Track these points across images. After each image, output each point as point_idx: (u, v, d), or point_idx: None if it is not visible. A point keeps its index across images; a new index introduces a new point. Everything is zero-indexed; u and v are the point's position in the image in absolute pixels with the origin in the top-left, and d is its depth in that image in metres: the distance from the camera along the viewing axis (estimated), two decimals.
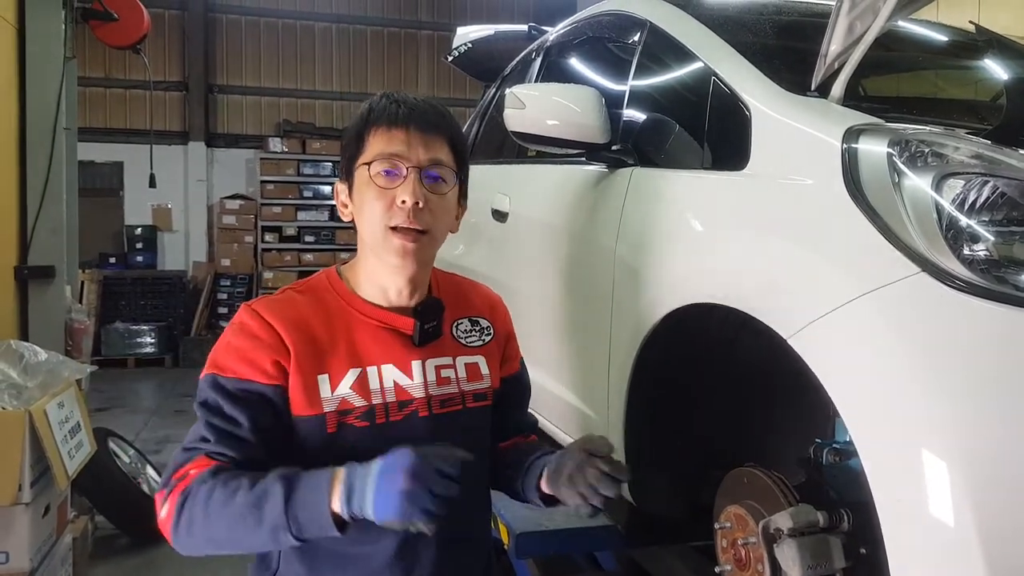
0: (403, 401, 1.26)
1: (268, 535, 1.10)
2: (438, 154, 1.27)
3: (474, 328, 1.40)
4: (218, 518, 1.11)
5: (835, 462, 1.36)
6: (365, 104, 1.30)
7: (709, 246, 1.58)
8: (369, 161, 1.24)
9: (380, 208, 1.24)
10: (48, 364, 2.72)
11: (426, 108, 1.28)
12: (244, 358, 1.21)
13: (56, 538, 2.77)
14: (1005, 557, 1.00)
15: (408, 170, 1.24)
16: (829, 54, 1.50)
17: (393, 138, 1.24)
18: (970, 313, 1.09)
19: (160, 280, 9.33)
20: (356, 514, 1.06)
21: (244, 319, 1.24)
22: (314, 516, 1.08)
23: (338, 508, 1.07)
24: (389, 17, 10.76)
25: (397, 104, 1.27)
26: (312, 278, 1.35)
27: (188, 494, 1.13)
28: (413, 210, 1.23)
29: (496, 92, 3.49)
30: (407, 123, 1.25)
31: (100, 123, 9.49)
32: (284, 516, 1.08)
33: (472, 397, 1.33)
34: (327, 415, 1.21)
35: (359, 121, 1.28)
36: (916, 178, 1.21)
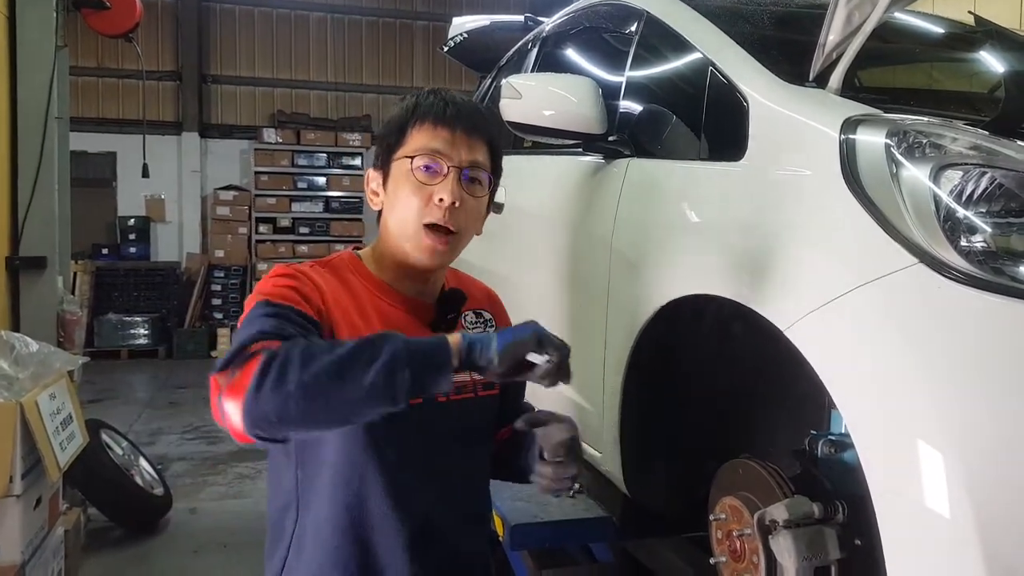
0: None
1: (383, 372, 1.03)
2: (478, 156, 1.28)
3: (479, 320, 1.42)
4: (323, 363, 1.03)
5: (830, 454, 1.36)
6: (411, 98, 1.31)
7: (705, 237, 1.58)
8: (411, 155, 1.25)
9: (417, 203, 1.24)
10: (39, 355, 2.70)
11: (472, 109, 1.30)
12: (291, 291, 1.18)
13: (48, 530, 2.76)
14: (1001, 549, 1.00)
15: (449, 168, 1.25)
16: (827, 44, 1.49)
17: (438, 135, 1.25)
18: (967, 304, 1.09)
19: (153, 271, 9.30)
20: (476, 356, 1.08)
21: (284, 269, 1.24)
22: (434, 350, 1.07)
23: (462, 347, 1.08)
24: (384, 7, 10.71)
25: (445, 103, 1.28)
26: (334, 257, 1.35)
27: (275, 354, 1.04)
28: (449, 209, 1.24)
29: (492, 83, 3.48)
30: (454, 122, 1.26)
31: (93, 113, 9.43)
32: (405, 349, 1.05)
33: (482, 386, 1.35)
34: None
35: (403, 113, 1.29)
36: (914, 169, 1.20)
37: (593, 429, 1.92)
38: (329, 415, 1.07)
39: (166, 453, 5.07)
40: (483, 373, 1.11)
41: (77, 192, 4.26)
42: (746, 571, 1.42)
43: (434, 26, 10.55)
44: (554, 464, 1.26)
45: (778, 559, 1.33)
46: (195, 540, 3.75)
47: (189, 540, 3.76)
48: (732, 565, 1.46)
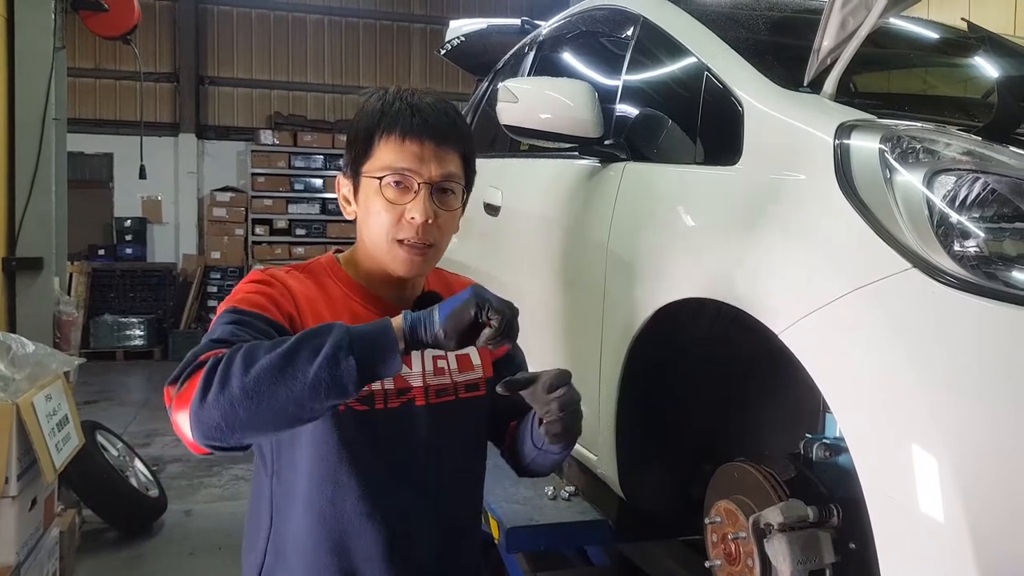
0: (401, 389, 1.25)
1: (326, 364, 1.00)
2: (450, 168, 1.24)
3: None
4: (264, 362, 1.00)
5: (825, 457, 1.36)
6: (375, 101, 1.25)
7: (701, 241, 1.58)
8: (379, 175, 1.21)
9: (388, 220, 1.21)
10: (36, 356, 2.70)
11: (440, 117, 1.23)
12: (262, 297, 1.17)
13: (43, 531, 2.76)
14: (994, 552, 1.01)
15: (420, 186, 1.21)
16: (822, 50, 1.50)
17: (405, 151, 1.20)
18: (960, 309, 1.09)
19: (150, 272, 9.29)
20: (420, 332, 1.05)
21: (258, 275, 1.22)
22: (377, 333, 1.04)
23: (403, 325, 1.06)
24: (382, 10, 10.73)
25: (412, 111, 1.22)
26: (312, 262, 1.32)
27: (220, 359, 1.02)
28: (423, 226, 1.21)
29: (489, 86, 3.48)
30: (422, 135, 1.21)
31: (90, 114, 9.43)
32: (347, 335, 1.02)
33: (464, 388, 1.33)
34: None
35: (369, 119, 1.23)
36: (908, 174, 1.21)
37: (589, 432, 1.91)
38: (278, 415, 1.01)
39: (161, 455, 5.07)
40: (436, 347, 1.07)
41: (74, 193, 4.26)
42: (741, 574, 1.42)
43: (431, 29, 10.57)
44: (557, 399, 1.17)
45: (773, 563, 1.34)
46: (190, 542, 3.75)
47: (184, 542, 3.75)
48: (727, 568, 1.46)
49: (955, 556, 1.01)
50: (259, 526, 1.27)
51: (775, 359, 1.33)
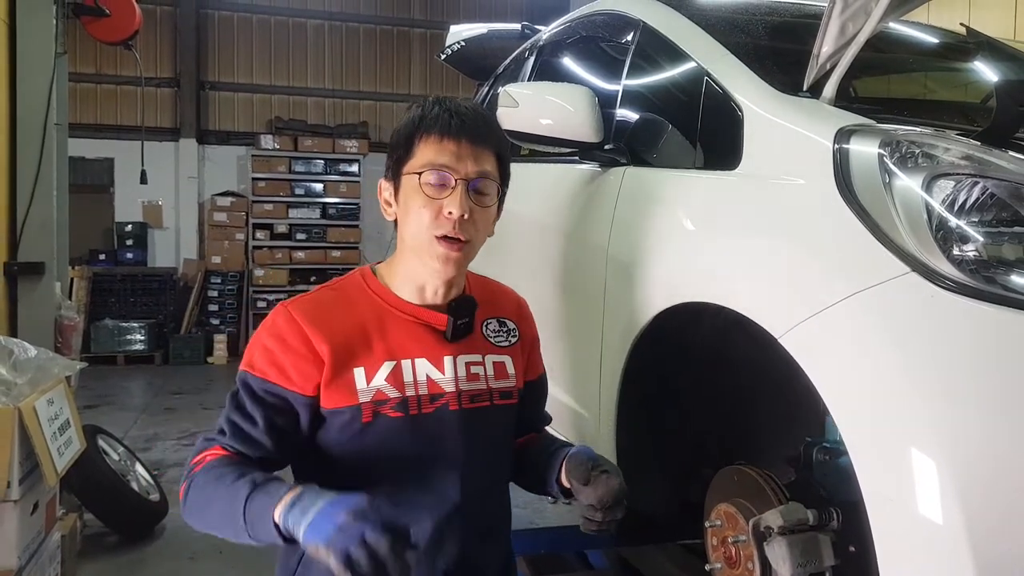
0: (435, 394, 1.30)
1: (234, 530, 1.16)
2: (485, 166, 1.30)
3: (502, 329, 1.43)
4: (206, 506, 1.20)
5: (825, 460, 1.37)
6: (416, 108, 1.32)
7: (700, 246, 1.59)
8: (419, 170, 1.27)
9: (427, 216, 1.26)
10: (37, 361, 2.70)
11: (477, 119, 1.30)
12: (274, 361, 1.26)
13: (44, 536, 2.76)
14: (993, 555, 1.01)
15: (457, 182, 1.26)
16: (821, 55, 1.50)
17: (444, 149, 1.27)
18: (959, 313, 1.10)
19: (150, 277, 9.28)
20: (288, 528, 1.08)
21: (279, 322, 1.28)
22: (260, 519, 1.11)
23: (278, 518, 1.09)
24: (382, 15, 10.73)
25: (450, 114, 1.28)
26: (347, 277, 1.39)
27: (194, 479, 1.22)
28: (459, 221, 1.26)
29: (489, 91, 3.49)
30: (459, 135, 1.27)
31: (91, 119, 9.43)
32: (242, 515, 1.13)
33: (499, 395, 1.37)
34: (363, 405, 1.25)
35: (409, 125, 1.30)
36: (906, 179, 1.21)
37: (589, 436, 1.92)
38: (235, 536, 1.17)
39: (162, 459, 5.06)
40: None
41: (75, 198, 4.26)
42: None
43: (432, 34, 10.58)
44: (604, 510, 1.27)
45: (773, 566, 1.34)
46: (191, 546, 3.74)
47: (185, 546, 3.74)
48: (727, 572, 1.47)
49: (954, 558, 1.02)
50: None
51: (775, 363, 1.33)
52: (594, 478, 1.28)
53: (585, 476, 1.28)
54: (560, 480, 1.37)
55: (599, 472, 1.28)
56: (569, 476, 1.33)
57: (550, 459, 1.40)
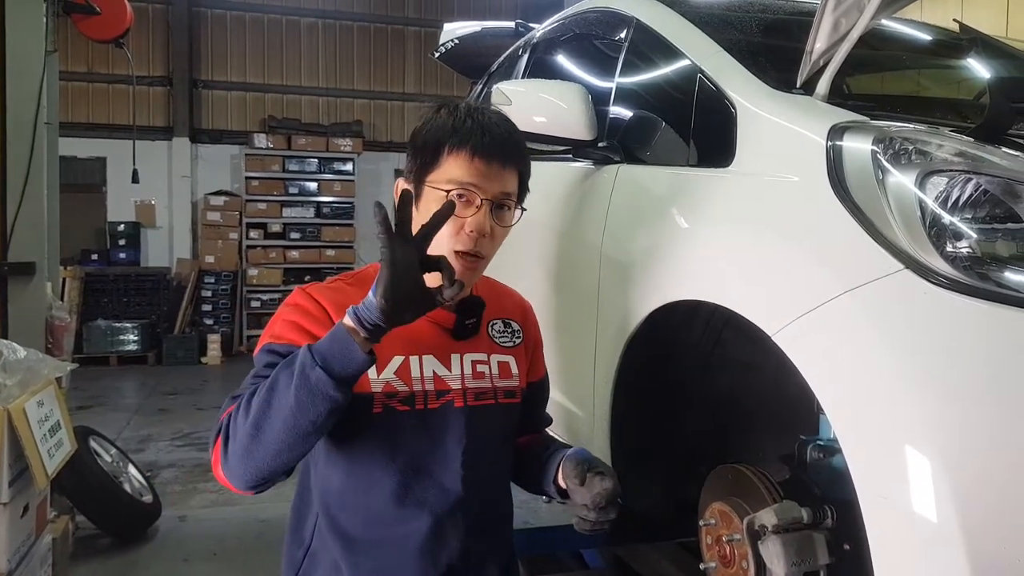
0: (441, 390, 1.31)
1: (300, 384, 1.09)
2: (509, 186, 1.31)
3: (507, 329, 1.45)
4: (256, 405, 1.13)
5: (819, 459, 1.36)
6: (446, 116, 1.30)
7: (694, 243, 1.58)
8: (446, 187, 1.26)
9: (448, 231, 1.25)
10: (27, 362, 2.68)
11: (507, 139, 1.30)
12: (298, 327, 1.25)
13: (35, 538, 2.74)
14: (987, 552, 1.01)
15: (483, 202, 1.27)
16: (814, 52, 1.50)
17: (474, 167, 1.26)
18: (953, 310, 1.10)
19: (143, 277, 9.26)
20: (363, 314, 1.09)
21: (298, 299, 1.29)
22: (330, 337, 1.11)
23: (351, 321, 1.10)
24: (376, 13, 10.72)
25: (483, 131, 1.28)
26: (361, 270, 1.40)
27: (229, 418, 1.17)
28: (478, 238, 1.27)
29: (483, 88, 3.49)
30: (490, 155, 1.27)
31: (83, 118, 9.40)
32: (308, 351, 1.11)
33: (503, 393, 1.38)
34: (375, 395, 1.26)
35: (440, 132, 1.29)
36: (900, 175, 1.21)
37: (583, 434, 1.92)
38: (287, 442, 1.12)
39: (155, 460, 5.05)
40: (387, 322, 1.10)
41: (67, 197, 4.24)
42: None
43: (425, 32, 10.57)
44: (598, 510, 1.28)
45: (767, 564, 1.34)
46: (185, 548, 3.73)
47: (178, 548, 3.73)
48: (722, 571, 1.46)
49: (948, 555, 1.01)
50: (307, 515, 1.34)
51: (768, 361, 1.33)
52: (588, 479, 1.29)
53: (580, 477, 1.29)
54: (556, 481, 1.39)
55: (593, 473, 1.30)
56: (564, 477, 1.34)
57: (548, 460, 1.42)
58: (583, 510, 1.29)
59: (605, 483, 1.28)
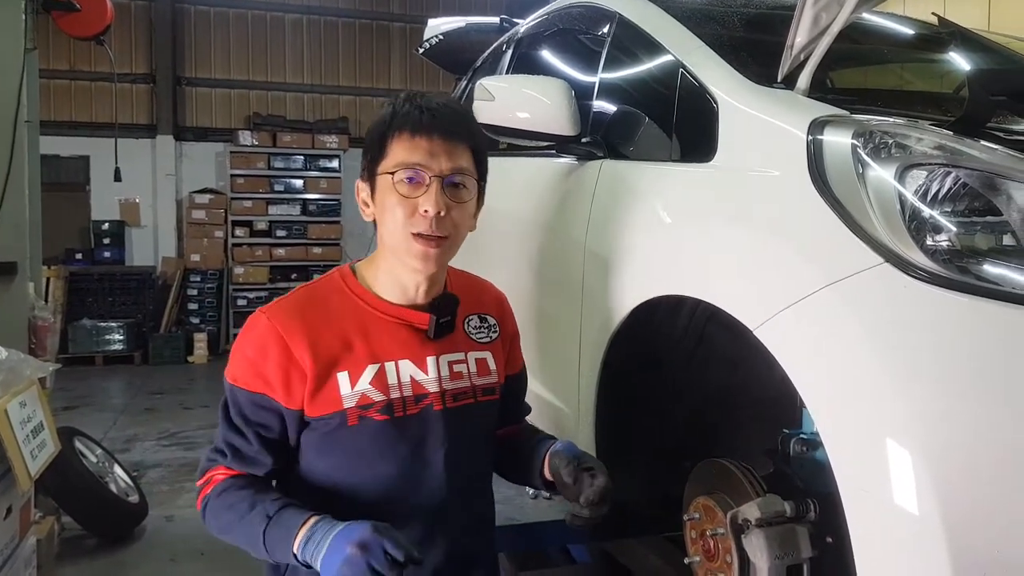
0: (419, 395, 1.30)
1: (252, 540, 1.23)
2: (460, 162, 1.28)
3: (483, 325, 1.44)
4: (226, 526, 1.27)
5: (802, 452, 1.37)
6: (388, 106, 1.30)
7: (677, 238, 1.58)
8: (392, 170, 1.25)
9: (402, 215, 1.25)
10: (9, 363, 2.66)
11: (449, 114, 1.29)
12: (257, 372, 1.27)
13: (19, 540, 2.72)
14: (968, 545, 1.01)
15: (431, 179, 1.25)
16: (795, 46, 1.50)
17: (416, 147, 1.25)
18: (933, 303, 1.10)
19: (128, 276, 9.18)
20: (307, 561, 1.17)
21: (259, 331, 1.28)
22: (281, 552, 1.20)
23: (297, 551, 1.18)
24: (360, 9, 10.67)
25: (421, 110, 1.27)
26: (325, 277, 1.38)
27: (208, 501, 1.30)
28: (435, 219, 1.25)
29: (467, 84, 3.48)
30: (430, 131, 1.25)
31: (65, 116, 9.31)
32: (263, 547, 1.22)
33: (482, 391, 1.38)
34: (348, 411, 1.26)
35: (381, 124, 1.29)
36: (880, 169, 1.21)
37: (568, 430, 1.92)
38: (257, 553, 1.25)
39: (142, 460, 5.02)
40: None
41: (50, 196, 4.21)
42: (720, 570, 1.43)
43: (411, 28, 10.53)
44: (591, 507, 1.28)
45: (751, 558, 1.34)
46: (171, 548, 3.71)
47: (165, 548, 3.71)
48: (706, 564, 1.47)
49: (929, 548, 1.02)
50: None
51: (751, 355, 1.33)
52: (580, 476, 1.29)
53: (572, 474, 1.29)
54: (543, 474, 1.38)
55: (584, 470, 1.30)
56: (553, 472, 1.34)
57: (532, 452, 1.41)
58: (576, 507, 1.29)
59: (598, 480, 1.28)
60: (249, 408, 1.28)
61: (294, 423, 1.28)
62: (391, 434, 1.27)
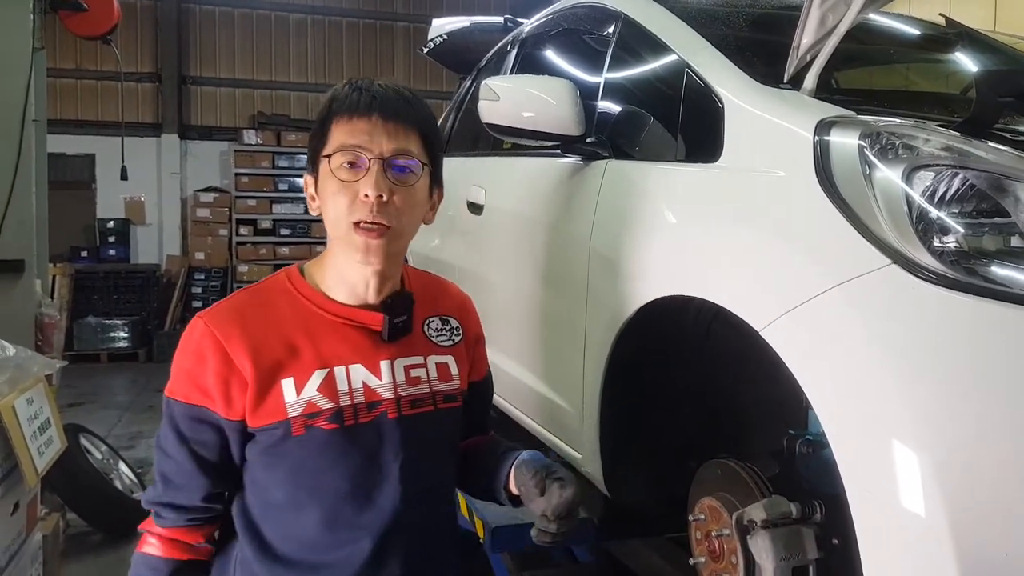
0: (372, 402, 1.22)
1: None
2: (404, 143, 1.20)
3: (445, 327, 1.36)
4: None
5: (808, 453, 1.36)
6: (329, 92, 1.24)
7: (682, 239, 1.58)
8: (330, 153, 1.19)
9: (343, 202, 1.17)
10: (16, 359, 2.67)
11: (392, 95, 1.21)
12: (194, 383, 1.19)
13: (26, 536, 2.73)
14: (974, 547, 1.01)
15: (371, 162, 1.17)
16: (801, 46, 1.50)
17: (355, 128, 1.18)
18: (940, 304, 1.10)
19: (133, 274, 9.22)
20: None
21: (197, 338, 1.20)
22: None
23: None
24: (365, 8, 10.69)
25: (360, 92, 1.20)
26: (271, 278, 1.29)
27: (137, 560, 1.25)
28: (377, 204, 1.16)
29: (472, 84, 3.48)
30: (369, 112, 1.18)
31: (72, 115, 9.35)
32: None
33: (443, 398, 1.30)
34: (292, 420, 1.17)
35: (322, 110, 1.23)
36: (887, 170, 1.21)
37: (573, 430, 1.92)
38: None
39: (146, 456, 5.02)
40: None
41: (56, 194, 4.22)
42: (725, 571, 1.43)
43: (414, 27, 10.54)
44: (558, 520, 1.23)
45: (756, 559, 1.34)
46: None
47: None
48: (711, 565, 1.46)
49: (936, 550, 1.02)
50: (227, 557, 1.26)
51: (757, 356, 1.33)
52: (548, 486, 1.22)
53: (539, 484, 1.23)
54: (508, 488, 1.32)
55: (552, 480, 1.23)
56: (519, 484, 1.27)
57: (498, 465, 1.34)
58: (543, 520, 1.23)
59: (566, 492, 1.21)
60: (186, 423, 1.19)
61: (236, 436, 1.19)
62: (341, 444, 1.18)
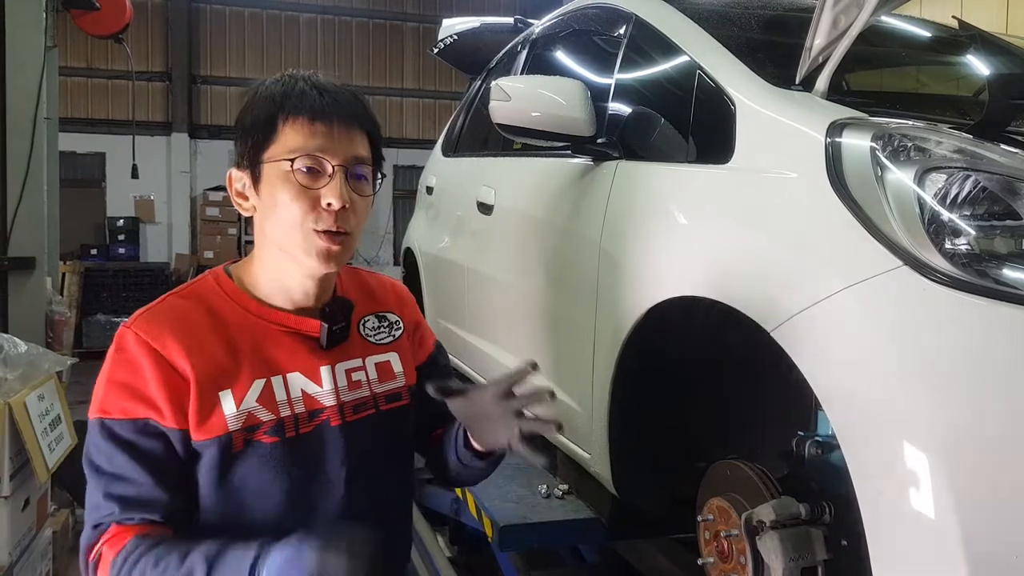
0: (313, 411, 1.17)
1: None
2: (360, 149, 1.16)
3: (382, 324, 1.31)
4: None
5: (817, 455, 1.36)
6: (273, 84, 1.16)
7: (693, 240, 1.58)
8: (288, 157, 1.11)
9: (300, 209, 1.11)
10: (28, 356, 2.69)
11: (348, 98, 1.17)
12: (134, 395, 1.09)
13: (36, 532, 2.75)
14: (984, 549, 1.01)
15: (334, 169, 1.12)
16: (813, 48, 1.50)
17: (316, 131, 1.12)
18: (951, 307, 1.10)
19: (142, 272, 9.27)
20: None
21: (126, 346, 1.11)
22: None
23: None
24: (375, 8, 10.72)
25: (319, 92, 1.14)
26: (197, 281, 1.22)
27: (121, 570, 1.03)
28: (339, 212, 1.12)
29: (482, 85, 3.48)
30: (331, 116, 1.13)
31: (82, 113, 9.41)
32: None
33: (385, 399, 1.25)
34: (233, 434, 1.11)
35: (268, 103, 1.13)
36: (899, 172, 1.21)
37: (582, 430, 1.92)
38: None
39: None
40: None
41: (66, 193, 4.25)
42: (733, 572, 1.43)
43: (424, 27, 10.57)
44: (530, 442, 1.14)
45: (765, 560, 1.34)
46: None
47: None
48: (720, 566, 1.46)
49: (946, 552, 1.02)
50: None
51: (767, 357, 1.33)
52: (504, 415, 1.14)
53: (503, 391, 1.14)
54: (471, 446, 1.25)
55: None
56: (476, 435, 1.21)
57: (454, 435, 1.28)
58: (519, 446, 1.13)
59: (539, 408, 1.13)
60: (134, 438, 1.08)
61: (184, 449, 1.10)
62: (283, 457, 1.12)
